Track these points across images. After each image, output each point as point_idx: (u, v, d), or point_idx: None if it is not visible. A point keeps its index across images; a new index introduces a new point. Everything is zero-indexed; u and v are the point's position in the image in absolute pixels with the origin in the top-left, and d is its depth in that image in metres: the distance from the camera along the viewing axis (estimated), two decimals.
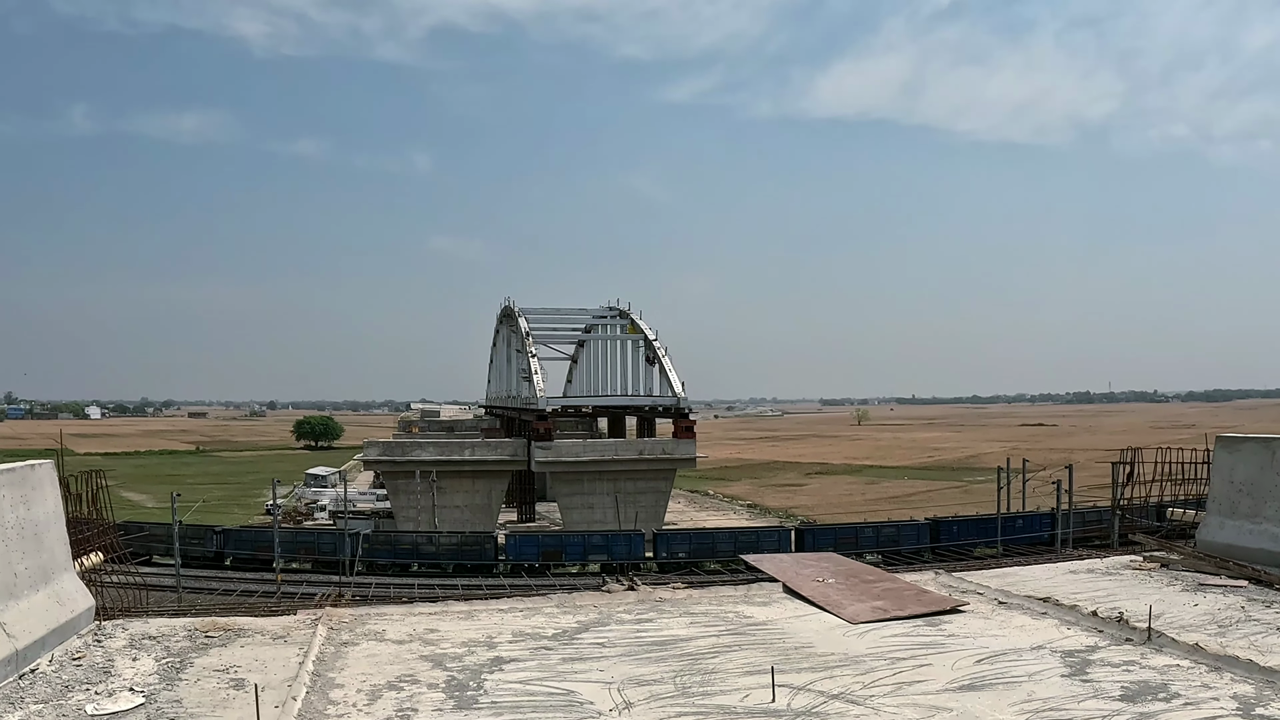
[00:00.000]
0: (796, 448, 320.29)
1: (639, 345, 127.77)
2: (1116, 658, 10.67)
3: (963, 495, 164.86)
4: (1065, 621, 12.03)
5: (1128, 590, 13.84)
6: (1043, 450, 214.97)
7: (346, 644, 11.23)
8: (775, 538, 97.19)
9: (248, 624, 12.28)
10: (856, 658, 10.83)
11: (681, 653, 10.97)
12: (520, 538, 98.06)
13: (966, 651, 10.90)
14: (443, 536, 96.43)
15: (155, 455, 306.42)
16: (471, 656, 10.84)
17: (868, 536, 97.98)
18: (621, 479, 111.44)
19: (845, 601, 12.79)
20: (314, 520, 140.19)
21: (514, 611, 12.60)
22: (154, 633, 11.86)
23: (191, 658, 10.70)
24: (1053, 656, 10.71)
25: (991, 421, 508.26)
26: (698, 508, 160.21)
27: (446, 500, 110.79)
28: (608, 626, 12.00)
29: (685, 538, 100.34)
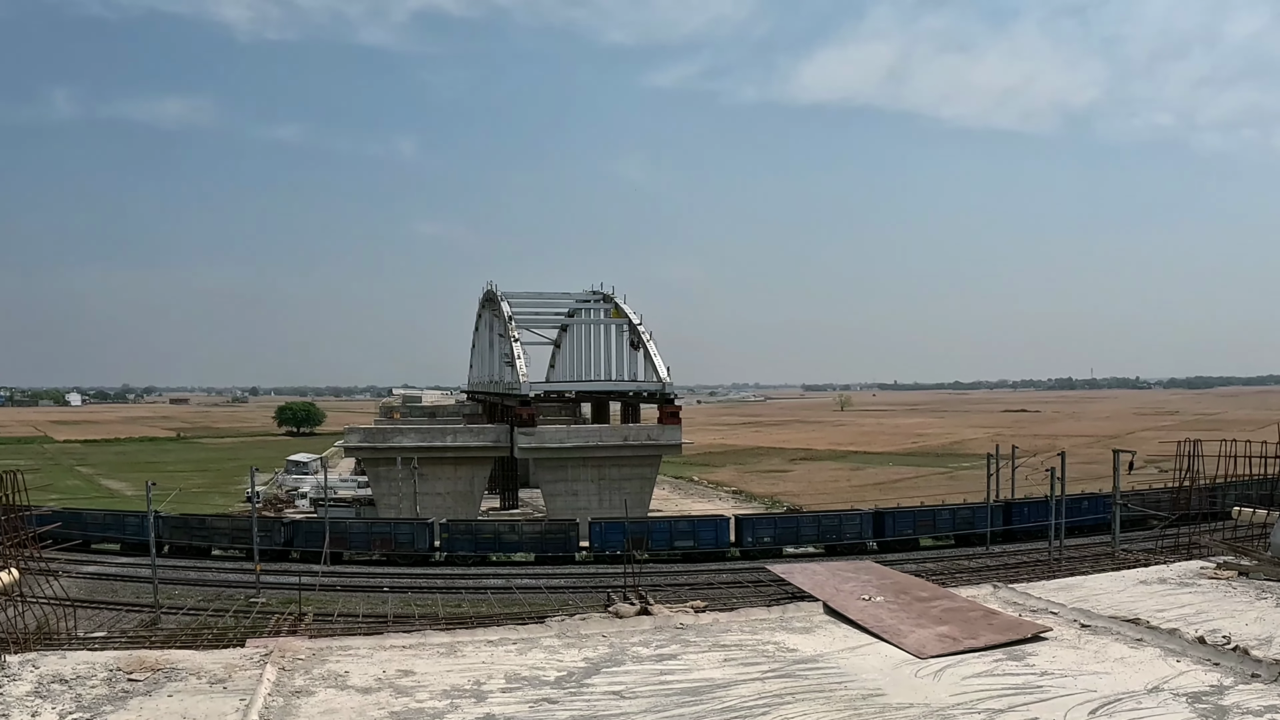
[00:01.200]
0: (780, 433, 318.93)
1: (623, 330, 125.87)
2: (1253, 702, 8.68)
3: (950, 482, 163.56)
4: (1169, 651, 10.00)
5: (1217, 606, 11.88)
6: (1027, 437, 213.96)
7: (299, 692, 8.92)
8: (856, 522, 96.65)
9: (183, 660, 10.01)
10: (943, 711, 8.70)
11: (722, 706, 8.76)
12: (605, 525, 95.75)
13: (1072, 697, 8.83)
14: (525, 525, 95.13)
15: (135, 442, 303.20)
16: (455, 715, 8.59)
17: (944, 519, 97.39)
18: (606, 465, 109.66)
19: (904, 627, 10.67)
20: (295, 508, 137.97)
21: (506, 644, 10.15)
22: (68, 673, 9.59)
23: (105, 713, 8.49)
24: (1177, 702, 8.70)
25: (974, 408, 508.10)
26: (682, 494, 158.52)
27: (428, 487, 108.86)
28: (622, 666, 9.79)
29: (770, 522, 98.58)
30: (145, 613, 69.58)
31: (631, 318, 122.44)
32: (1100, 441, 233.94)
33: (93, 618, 70.11)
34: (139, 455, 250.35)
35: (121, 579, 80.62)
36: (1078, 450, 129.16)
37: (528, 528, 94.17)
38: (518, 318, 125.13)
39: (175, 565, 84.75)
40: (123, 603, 73.36)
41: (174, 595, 74.99)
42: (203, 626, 65.59)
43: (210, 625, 65.73)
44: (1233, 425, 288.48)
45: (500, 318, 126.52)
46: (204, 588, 78.95)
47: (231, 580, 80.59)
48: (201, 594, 76.97)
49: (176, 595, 75.42)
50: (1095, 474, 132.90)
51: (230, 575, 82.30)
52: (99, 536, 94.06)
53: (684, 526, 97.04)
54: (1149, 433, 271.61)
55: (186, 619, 68.33)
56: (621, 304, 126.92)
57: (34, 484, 79.53)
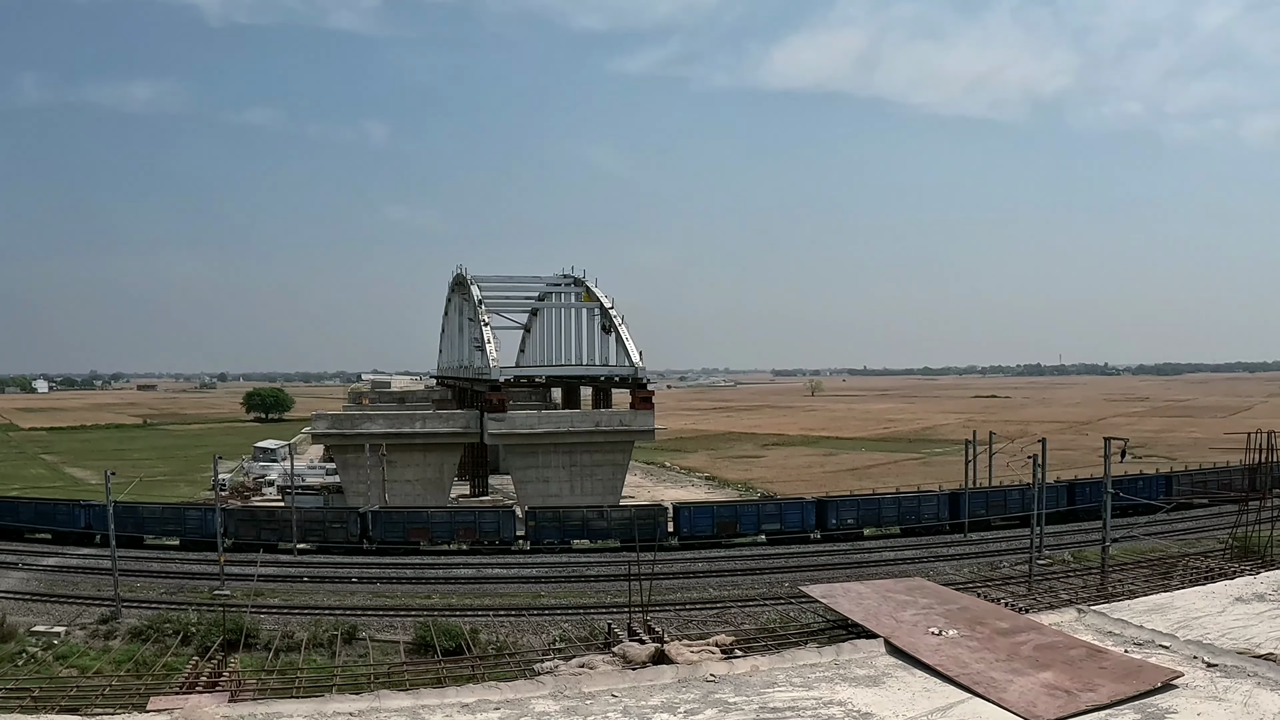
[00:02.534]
0: (751, 418, 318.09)
1: (595, 314, 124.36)
2: None
3: (924, 468, 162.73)
4: None
5: None
6: (998, 422, 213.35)
7: None
8: (934, 503, 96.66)
9: None
10: None
11: None
12: (694, 510, 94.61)
13: None
14: (614, 511, 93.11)
15: (101, 429, 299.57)
16: None
17: (1014, 500, 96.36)
18: (578, 451, 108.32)
19: (997, 675, 8.39)
20: (262, 496, 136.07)
21: (485, 710, 7.59)
22: None
23: None
24: None
25: (944, 393, 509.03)
26: (654, 480, 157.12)
27: (397, 474, 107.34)
28: None
29: (853, 505, 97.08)
30: (106, 606, 67.77)
31: (603, 301, 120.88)
32: (1071, 428, 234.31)
33: (51, 611, 68.48)
34: (104, 443, 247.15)
35: (83, 571, 78.70)
36: (1050, 437, 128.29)
37: (616, 514, 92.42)
38: (488, 302, 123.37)
39: (138, 556, 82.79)
40: (83, 596, 71.58)
41: (135, 588, 73.13)
42: (163, 621, 63.99)
43: (171, 619, 64.09)
44: (1204, 411, 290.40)
45: (470, 302, 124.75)
46: (167, 579, 77.16)
47: (196, 572, 78.76)
48: (164, 586, 75.21)
49: (138, 588, 73.57)
50: (1070, 461, 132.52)
51: (195, 567, 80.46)
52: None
53: (771, 510, 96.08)
54: (1120, 419, 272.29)
55: (149, 613, 66.64)
56: (593, 287, 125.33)
57: None
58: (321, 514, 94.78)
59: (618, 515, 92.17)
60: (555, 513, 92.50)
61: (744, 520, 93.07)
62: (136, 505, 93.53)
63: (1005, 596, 64.27)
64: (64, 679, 58.00)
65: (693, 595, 72.81)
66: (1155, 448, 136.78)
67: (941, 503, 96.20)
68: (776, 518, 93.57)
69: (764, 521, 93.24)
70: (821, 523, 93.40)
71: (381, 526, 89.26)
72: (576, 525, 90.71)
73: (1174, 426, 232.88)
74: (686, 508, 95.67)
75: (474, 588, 76.09)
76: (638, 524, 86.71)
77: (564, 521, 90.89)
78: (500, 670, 53.86)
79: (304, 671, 58.19)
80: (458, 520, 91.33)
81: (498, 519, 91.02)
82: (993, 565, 79.59)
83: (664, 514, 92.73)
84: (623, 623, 62.06)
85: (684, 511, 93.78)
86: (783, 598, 70.55)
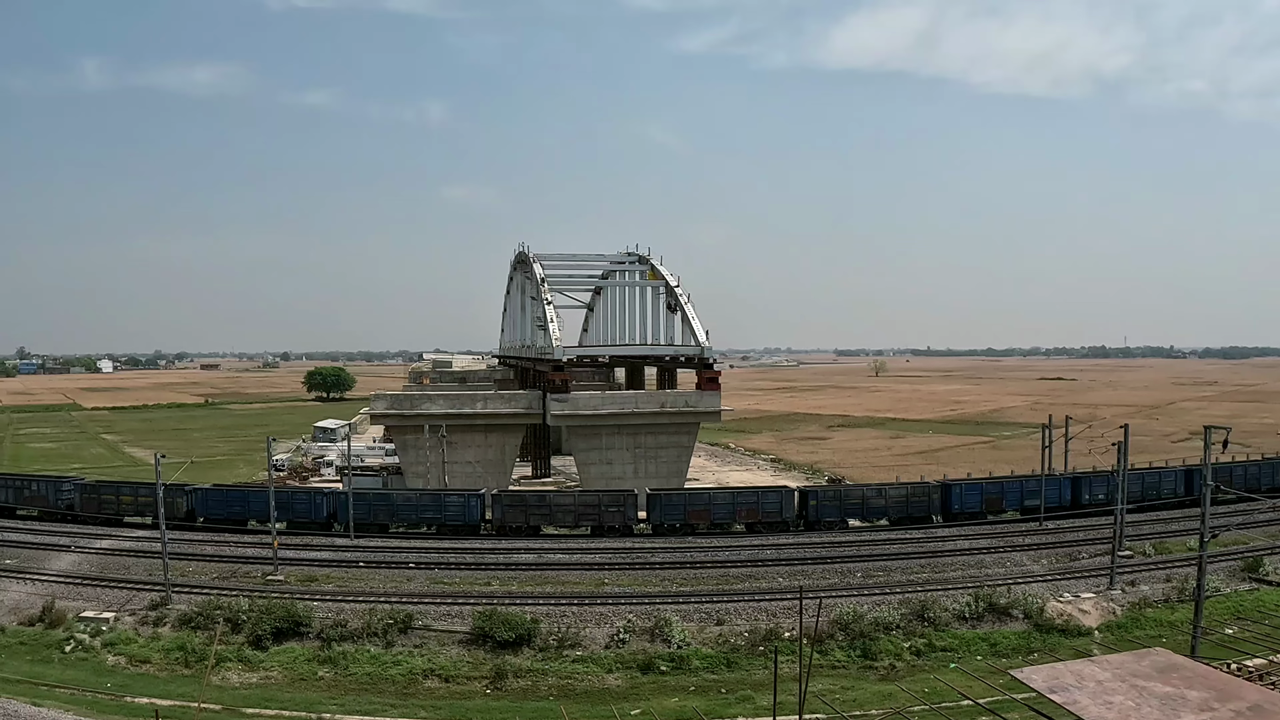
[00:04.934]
0: (816, 399, 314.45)
1: (659, 292, 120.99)
2: None
3: (994, 451, 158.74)
4: None
5: None
6: (1065, 405, 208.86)
7: None
8: (1172, 479, 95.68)
9: None
10: None
11: None
12: (965, 486, 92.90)
13: None
14: (892, 489, 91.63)
15: (163, 409, 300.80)
16: None
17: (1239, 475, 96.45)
18: (642, 433, 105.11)
19: None
20: (320, 476, 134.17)
21: None
22: None
23: None
24: None
25: (1009, 375, 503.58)
26: (719, 462, 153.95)
27: (457, 455, 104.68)
28: None
29: (1105, 481, 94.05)
30: (156, 591, 65.37)
31: (668, 279, 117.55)
32: (1141, 411, 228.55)
33: (101, 596, 66.27)
34: (165, 422, 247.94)
35: (135, 554, 76.43)
36: (1119, 420, 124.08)
37: (894, 492, 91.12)
38: (550, 280, 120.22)
39: (192, 540, 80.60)
40: (134, 580, 69.26)
41: (187, 573, 70.77)
42: (214, 607, 61.40)
43: (222, 606, 61.51)
44: (1274, 397, 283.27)
45: (532, 280, 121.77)
46: (220, 563, 74.69)
47: (250, 556, 76.20)
48: (217, 570, 72.77)
49: (190, 572, 71.20)
50: (1142, 447, 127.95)
51: (249, 550, 77.92)
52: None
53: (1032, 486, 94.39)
54: (1190, 403, 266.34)
55: (199, 598, 64.13)
56: (658, 265, 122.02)
57: (57, 453, 76.36)
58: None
59: (895, 493, 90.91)
60: (835, 491, 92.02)
61: (1009, 497, 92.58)
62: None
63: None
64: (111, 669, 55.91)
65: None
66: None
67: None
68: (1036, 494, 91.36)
69: (1026, 498, 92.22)
70: (1075, 499, 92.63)
71: (661, 509, 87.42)
72: (856, 503, 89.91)
73: (1245, 412, 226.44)
74: (957, 485, 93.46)
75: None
76: (912, 501, 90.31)
77: (844, 500, 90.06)
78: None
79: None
80: (739, 500, 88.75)
81: (780, 498, 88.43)
82: (1071, 556, 75.66)
83: (937, 490, 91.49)
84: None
85: (954, 489, 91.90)
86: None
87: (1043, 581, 68.04)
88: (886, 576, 70.71)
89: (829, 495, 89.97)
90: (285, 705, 51.22)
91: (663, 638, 58.59)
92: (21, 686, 51.99)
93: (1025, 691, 50.42)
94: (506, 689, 53.92)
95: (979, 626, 60.31)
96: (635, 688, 54.06)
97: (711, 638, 59.17)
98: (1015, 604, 61.99)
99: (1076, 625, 60.74)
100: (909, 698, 51.01)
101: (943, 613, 60.93)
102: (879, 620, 59.84)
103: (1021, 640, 58.78)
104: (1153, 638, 59.11)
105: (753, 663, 56.49)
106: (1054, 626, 60.28)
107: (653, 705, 51.54)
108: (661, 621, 59.87)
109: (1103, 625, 61.14)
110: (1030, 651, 57.55)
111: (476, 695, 53.28)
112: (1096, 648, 58.06)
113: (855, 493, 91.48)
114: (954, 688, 47.38)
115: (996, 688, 51.61)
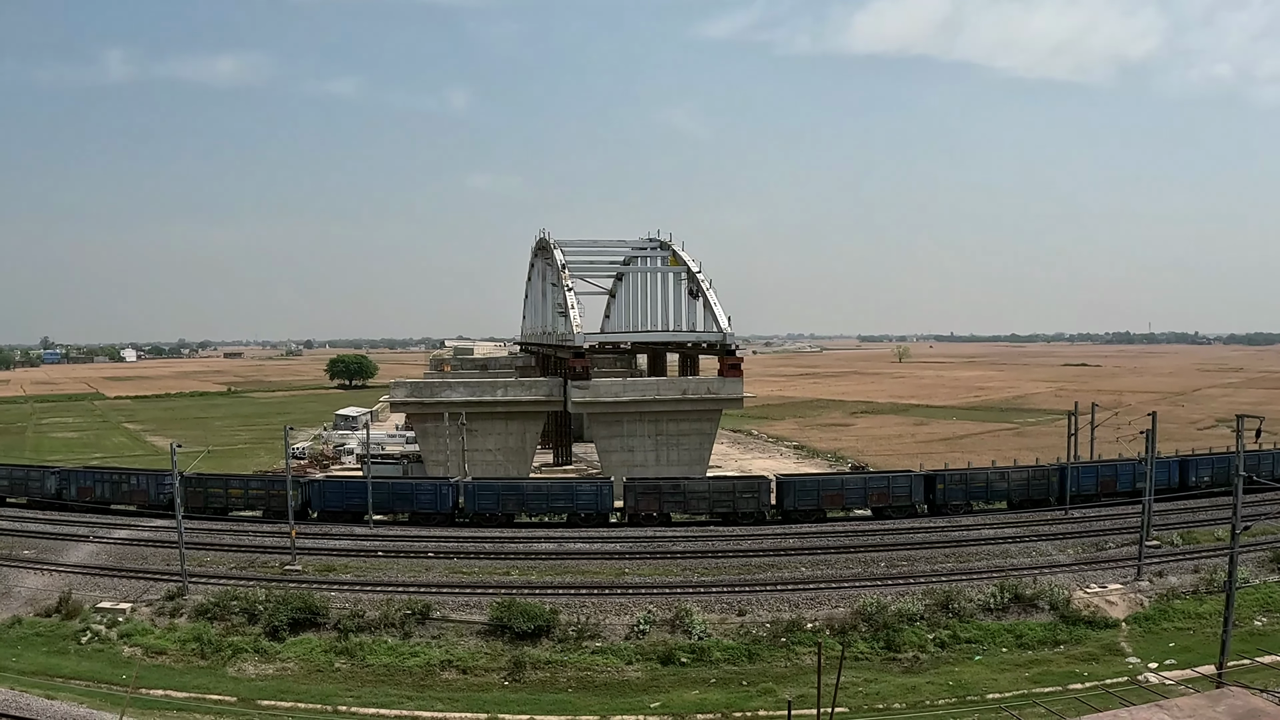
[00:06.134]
0: (839, 385, 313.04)
1: (681, 278, 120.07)
2: None
3: (1018, 438, 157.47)
4: None
5: None
6: (1090, 392, 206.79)
7: None
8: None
9: None
10: None
11: None
12: (1080, 469, 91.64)
13: None
14: (1013, 473, 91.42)
15: (186, 397, 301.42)
16: None
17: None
18: (664, 420, 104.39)
19: None
20: (341, 464, 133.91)
21: None
22: None
23: None
24: None
25: (1033, 361, 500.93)
26: (741, 449, 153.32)
27: (478, 443, 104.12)
28: None
29: (1210, 464, 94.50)
30: (173, 582, 64.91)
31: (690, 265, 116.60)
32: (1167, 398, 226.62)
33: (118, 587, 65.86)
34: (187, 411, 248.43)
35: (153, 544, 75.92)
36: (1144, 408, 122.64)
37: (1015, 475, 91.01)
38: (571, 266, 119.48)
39: (210, 529, 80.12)
40: (151, 571, 68.82)
41: (204, 562, 70.32)
42: (230, 597, 60.91)
43: (239, 597, 61.02)
44: None
45: (553, 266, 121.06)
46: (238, 553, 74.19)
47: (268, 545, 75.65)
48: (234, 560, 72.26)
49: (208, 562, 70.74)
50: (1168, 434, 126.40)
51: (267, 540, 77.36)
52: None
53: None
54: (1215, 390, 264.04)
55: (216, 589, 63.63)
56: (680, 251, 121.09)
57: (79, 442, 76.08)
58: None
59: (1016, 476, 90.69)
60: (962, 475, 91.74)
61: (1121, 479, 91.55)
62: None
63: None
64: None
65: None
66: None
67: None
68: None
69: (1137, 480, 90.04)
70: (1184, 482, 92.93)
71: (796, 496, 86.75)
72: (980, 486, 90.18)
73: (1272, 399, 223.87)
74: (1074, 468, 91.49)
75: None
76: (1033, 484, 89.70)
77: (969, 483, 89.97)
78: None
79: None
80: (871, 485, 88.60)
81: (910, 482, 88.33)
82: (1098, 545, 74.50)
83: (1057, 475, 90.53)
84: None
85: (1069, 472, 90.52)
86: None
87: (1069, 571, 66.97)
88: (911, 567, 69.73)
89: (955, 479, 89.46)
90: (301, 697, 50.77)
91: (683, 628, 57.89)
92: (36, 679, 51.63)
93: (1050, 686, 49.93)
94: (525, 680, 53.32)
95: (1004, 618, 59.33)
96: (655, 680, 53.38)
97: (733, 629, 58.43)
98: (1041, 594, 60.93)
99: (1104, 617, 59.71)
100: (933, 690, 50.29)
101: (967, 603, 60.04)
102: (903, 611, 59.01)
103: (1047, 632, 57.78)
104: (1181, 630, 58.22)
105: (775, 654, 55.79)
106: (1080, 618, 59.23)
107: (673, 698, 50.88)
108: (683, 612, 59.14)
109: (1130, 617, 60.08)
110: (1056, 644, 56.67)
111: (494, 687, 52.72)
112: (1124, 640, 57.20)
113: (979, 476, 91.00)
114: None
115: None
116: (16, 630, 60.03)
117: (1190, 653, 54.41)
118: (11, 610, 62.63)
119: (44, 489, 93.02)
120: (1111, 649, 56.14)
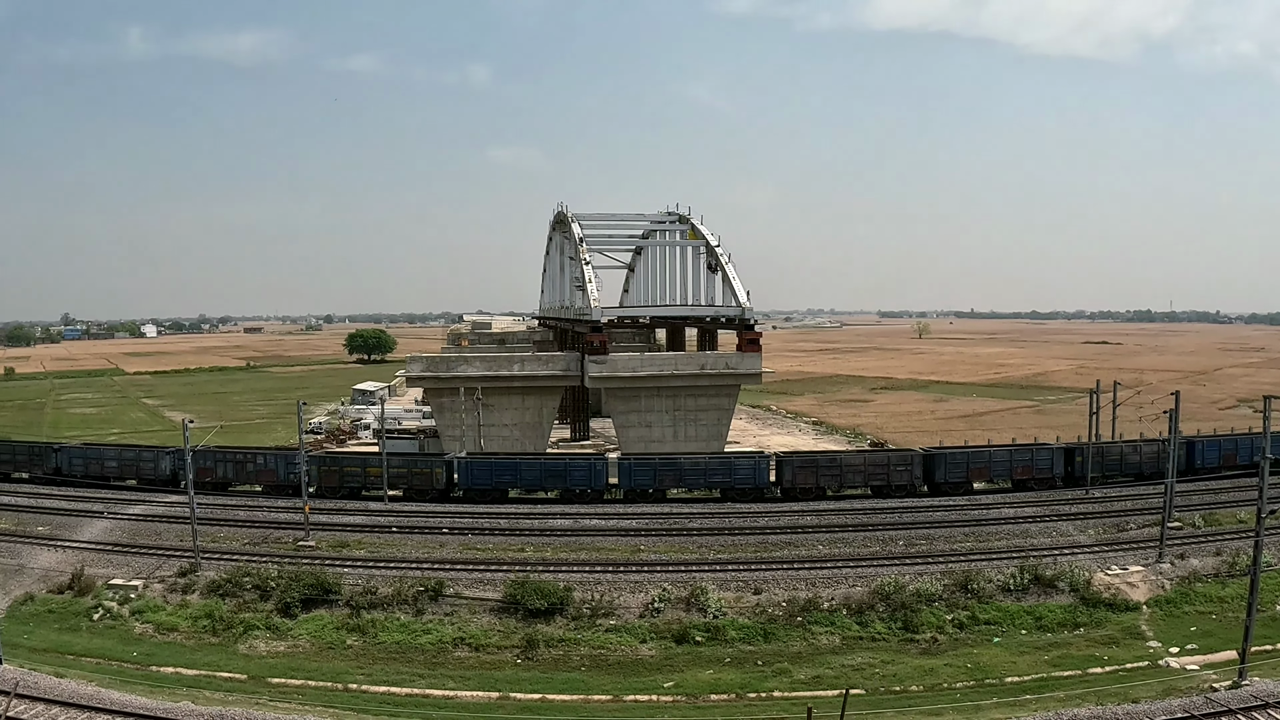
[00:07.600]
0: (858, 361, 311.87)
1: (700, 252, 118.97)
2: None
3: (1039, 416, 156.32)
4: None
5: None
6: (1111, 370, 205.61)
7: None
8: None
9: None
10: None
11: None
12: (1206, 443, 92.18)
13: None
14: (1145, 446, 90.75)
15: (205, 373, 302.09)
16: None
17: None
18: (681, 395, 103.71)
19: None
20: (357, 439, 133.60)
21: None
22: None
23: None
24: None
25: (1053, 338, 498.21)
26: (760, 425, 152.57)
27: (494, 418, 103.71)
28: None
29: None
30: (186, 558, 64.53)
31: (709, 239, 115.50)
32: (1189, 377, 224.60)
33: (131, 563, 65.55)
34: (207, 386, 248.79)
35: (166, 520, 75.58)
36: (1166, 386, 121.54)
37: (1147, 448, 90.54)
38: (589, 240, 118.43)
39: (223, 505, 79.79)
40: (165, 547, 68.47)
41: (218, 539, 69.99)
42: (243, 574, 60.53)
43: (251, 573, 60.62)
44: None
45: (571, 240, 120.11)
46: (251, 529, 73.86)
47: (282, 521, 75.29)
48: (248, 536, 71.95)
49: (221, 539, 70.41)
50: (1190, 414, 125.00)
51: (281, 515, 76.98)
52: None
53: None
54: (1237, 369, 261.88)
55: (228, 565, 63.25)
56: (698, 225, 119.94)
57: (96, 418, 75.49)
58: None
59: (1149, 450, 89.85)
60: (1100, 449, 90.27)
61: (1241, 453, 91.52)
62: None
63: None
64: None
65: None
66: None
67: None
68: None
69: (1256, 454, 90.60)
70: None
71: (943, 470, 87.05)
72: (1114, 460, 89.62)
73: None
74: (1200, 441, 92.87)
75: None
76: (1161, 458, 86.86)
77: (1105, 457, 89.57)
78: None
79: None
80: (1016, 459, 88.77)
81: (1051, 455, 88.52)
82: (1119, 526, 73.57)
83: (1183, 448, 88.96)
84: None
85: (1196, 445, 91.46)
86: None
87: (1089, 552, 66.07)
88: (929, 545, 68.99)
89: (1093, 452, 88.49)
90: (312, 675, 50.36)
91: (699, 607, 57.30)
92: (48, 656, 51.34)
93: (1069, 669, 49.17)
94: (538, 659, 52.80)
95: (1024, 599, 58.53)
96: (669, 659, 52.82)
97: (749, 607, 57.76)
98: (1061, 575, 60.07)
99: (1124, 599, 58.84)
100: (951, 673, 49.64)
101: (986, 584, 59.26)
102: (921, 591, 58.29)
103: (1067, 614, 56.93)
104: (1202, 614, 57.33)
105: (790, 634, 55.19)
106: (1101, 600, 58.34)
107: (687, 678, 50.32)
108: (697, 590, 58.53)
109: (1151, 600, 59.18)
110: (1076, 626, 55.87)
111: (507, 665, 52.21)
112: (1145, 624, 56.36)
113: (1114, 450, 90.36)
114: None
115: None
116: (29, 607, 59.81)
117: (1212, 637, 53.52)
118: (24, 587, 62.42)
119: (157, 470, 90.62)
120: (1132, 632, 55.28)
